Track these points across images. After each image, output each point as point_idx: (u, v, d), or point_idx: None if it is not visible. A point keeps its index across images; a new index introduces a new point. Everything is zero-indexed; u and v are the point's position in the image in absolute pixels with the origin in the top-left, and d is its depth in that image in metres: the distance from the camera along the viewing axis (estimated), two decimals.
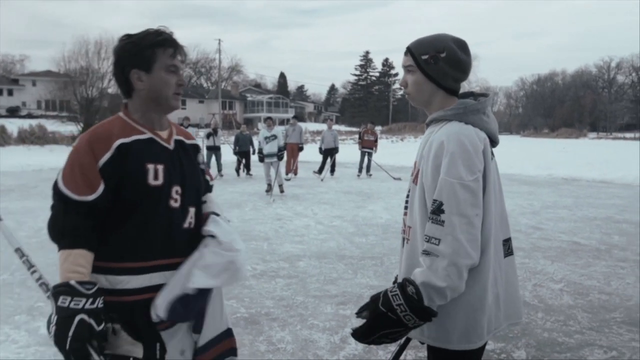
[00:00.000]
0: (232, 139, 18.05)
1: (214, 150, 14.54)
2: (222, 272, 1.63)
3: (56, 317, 1.40)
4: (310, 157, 18.34)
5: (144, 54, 1.57)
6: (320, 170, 14.52)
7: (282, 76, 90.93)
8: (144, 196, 1.55)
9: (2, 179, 12.94)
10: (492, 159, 1.60)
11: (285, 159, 12.57)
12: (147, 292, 1.55)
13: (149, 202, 1.55)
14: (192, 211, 1.67)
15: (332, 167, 14.90)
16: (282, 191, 10.79)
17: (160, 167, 1.58)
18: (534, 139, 52.19)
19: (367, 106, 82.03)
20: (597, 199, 10.49)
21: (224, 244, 1.63)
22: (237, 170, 15.20)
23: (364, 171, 15.02)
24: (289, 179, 13.54)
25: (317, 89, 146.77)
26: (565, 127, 62.63)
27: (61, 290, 1.42)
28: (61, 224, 1.50)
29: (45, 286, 1.51)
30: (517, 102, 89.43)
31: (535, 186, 12.82)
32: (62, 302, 1.40)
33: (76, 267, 1.45)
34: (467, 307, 1.54)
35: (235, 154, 15.03)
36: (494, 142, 1.66)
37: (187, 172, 1.67)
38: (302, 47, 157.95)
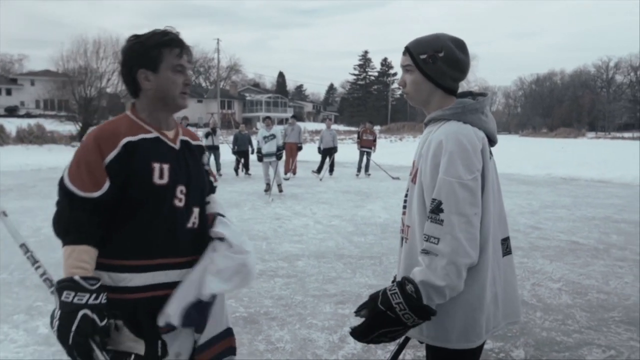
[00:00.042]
0: (230, 138, 18.04)
1: (213, 149, 14.51)
2: (235, 276, 1.64)
3: (60, 311, 1.41)
4: (309, 156, 18.34)
5: (150, 54, 1.59)
6: (319, 169, 14.51)
7: (281, 76, 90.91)
8: (149, 195, 1.56)
9: (0, 178, 12.92)
10: (490, 159, 1.61)
11: (284, 158, 12.59)
12: (149, 291, 1.56)
13: (154, 200, 1.57)
14: (196, 211, 1.68)
15: (331, 167, 14.89)
16: (280, 191, 10.80)
17: (165, 167, 1.59)
18: (532, 139, 52.30)
19: (365, 106, 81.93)
20: (596, 199, 10.51)
21: (234, 246, 1.65)
22: (236, 169, 15.20)
23: (363, 171, 15.01)
24: (288, 179, 13.54)
25: (316, 89, 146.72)
26: (563, 127, 62.76)
27: (65, 285, 1.43)
28: (66, 220, 1.51)
29: (49, 281, 1.52)
30: (516, 101, 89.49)
31: (533, 186, 12.84)
32: (65, 297, 1.41)
33: (80, 262, 1.46)
34: (466, 306, 1.54)
35: (234, 153, 15.02)
36: (492, 142, 1.66)
37: (192, 172, 1.69)
38: (301, 46, 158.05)
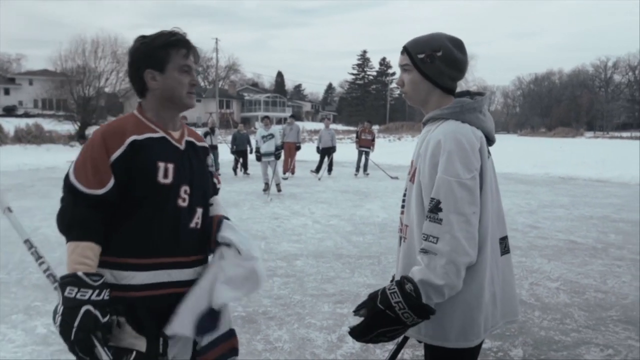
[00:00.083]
0: (229, 138, 18.03)
1: (211, 149, 14.35)
2: (245, 283, 1.65)
3: (62, 307, 1.41)
4: (307, 156, 18.34)
5: (157, 55, 1.60)
6: (317, 169, 14.51)
7: (280, 75, 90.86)
8: (153, 193, 1.57)
9: None
10: (488, 158, 1.61)
11: (282, 158, 12.58)
12: (151, 289, 1.56)
13: (158, 199, 1.58)
14: (200, 211, 1.69)
15: (330, 166, 14.89)
16: (279, 190, 10.79)
17: (170, 166, 1.60)
18: (531, 138, 52.38)
19: (364, 105, 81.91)
20: (594, 198, 10.53)
21: (242, 253, 1.65)
22: (235, 169, 15.20)
23: (361, 170, 15.02)
24: (287, 178, 13.54)
25: (315, 88, 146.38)
26: (562, 127, 62.84)
27: (68, 281, 1.44)
28: (70, 216, 1.52)
29: (52, 277, 1.53)
30: (515, 101, 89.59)
31: (532, 185, 12.85)
32: (68, 292, 1.42)
33: (83, 258, 1.47)
34: (464, 305, 1.54)
35: (232, 153, 15.01)
36: (490, 141, 1.66)
37: (197, 173, 1.70)
38: (300, 46, 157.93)
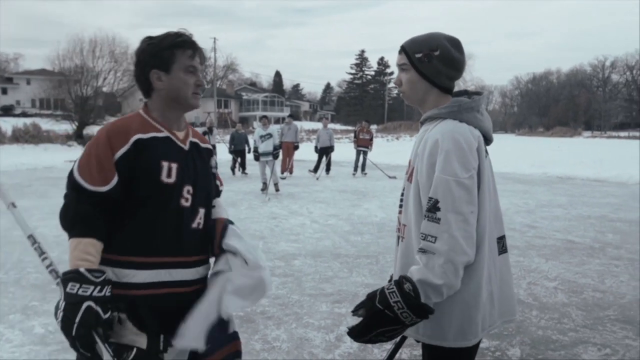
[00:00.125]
0: (227, 137, 18.03)
1: None
2: (253, 292, 1.67)
3: (64, 303, 1.42)
4: (305, 155, 18.33)
5: (163, 55, 1.62)
6: (315, 169, 14.52)
7: (278, 75, 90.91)
8: (156, 192, 1.58)
9: None
10: (486, 157, 1.61)
11: (280, 157, 12.57)
12: (152, 288, 1.57)
13: (160, 198, 1.58)
14: (202, 212, 1.69)
15: (328, 166, 14.89)
16: (277, 190, 10.78)
17: (174, 166, 1.61)
18: (528, 138, 52.50)
19: (362, 105, 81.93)
20: (592, 198, 10.55)
21: (249, 262, 1.65)
22: (233, 169, 15.18)
23: (359, 170, 15.01)
24: (285, 178, 13.53)
25: (313, 88, 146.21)
26: (560, 126, 63.00)
27: (70, 276, 1.44)
28: (73, 212, 1.52)
29: (55, 273, 1.53)
30: (512, 100, 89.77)
31: (530, 185, 12.87)
32: (70, 288, 1.42)
33: (86, 255, 1.48)
34: (462, 304, 1.54)
35: (230, 152, 15.02)
36: (488, 140, 1.66)
37: (200, 173, 1.70)
38: (298, 46, 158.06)
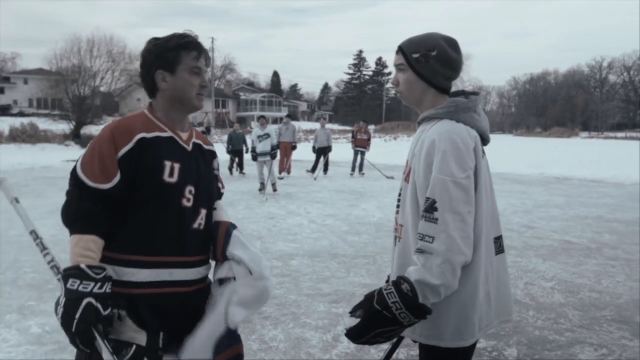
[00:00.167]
0: (225, 137, 18.01)
1: None
2: (256, 301, 1.69)
3: (64, 299, 1.42)
4: (303, 155, 18.32)
5: (168, 56, 1.63)
6: (313, 169, 14.52)
7: (276, 75, 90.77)
8: (158, 192, 1.58)
9: None
10: (483, 157, 1.61)
11: (278, 157, 12.57)
12: (152, 287, 1.57)
13: (162, 198, 1.59)
14: (204, 212, 1.70)
15: (325, 166, 14.89)
16: (275, 190, 10.78)
17: (176, 166, 1.62)
18: (526, 138, 52.52)
19: (360, 105, 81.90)
20: (589, 198, 10.57)
21: (254, 273, 1.67)
22: (230, 169, 15.17)
23: (357, 170, 15.02)
24: (282, 178, 13.52)
25: (311, 88, 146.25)
26: (557, 127, 63.06)
27: (71, 273, 1.45)
28: (74, 209, 1.53)
29: (56, 269, 1.53)
30: (510, 101, 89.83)
31: (527, 185, 12.89)
32: (71, 284, 1.43)
33: (86, 251, 1.48)
34: (459, 304, 1.54)
35: (228, 152, 14.99)
36: (485, 141, 1.66)
37: (202, 174, 1.71)
38: (296, 45, 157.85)
